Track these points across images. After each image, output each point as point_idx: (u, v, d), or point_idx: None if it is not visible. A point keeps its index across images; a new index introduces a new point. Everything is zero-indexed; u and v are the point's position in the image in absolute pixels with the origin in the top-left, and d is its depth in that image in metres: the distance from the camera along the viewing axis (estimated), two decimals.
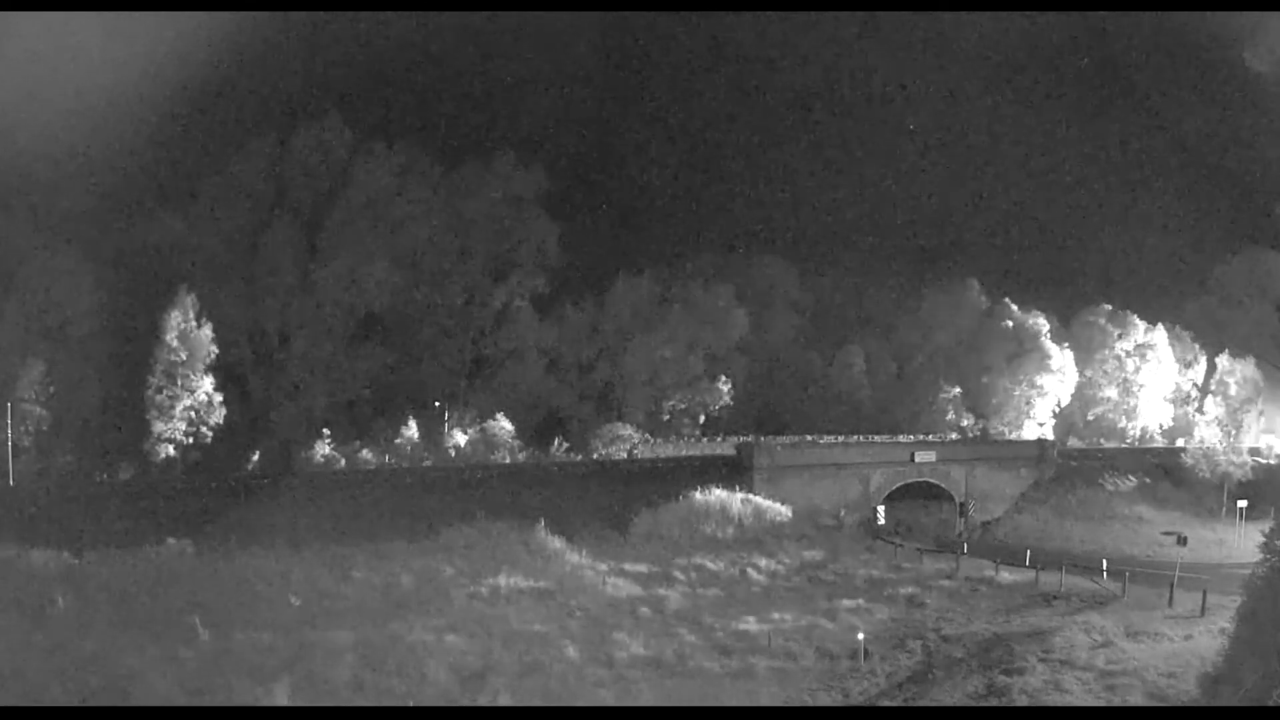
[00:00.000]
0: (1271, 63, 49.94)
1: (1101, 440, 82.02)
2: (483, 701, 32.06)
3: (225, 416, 56.09)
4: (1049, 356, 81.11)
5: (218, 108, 64.66)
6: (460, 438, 63.55)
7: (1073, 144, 79.21)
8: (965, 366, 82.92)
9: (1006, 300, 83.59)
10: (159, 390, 53.92)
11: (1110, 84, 76.90)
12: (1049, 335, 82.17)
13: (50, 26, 56.75)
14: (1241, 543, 49.35)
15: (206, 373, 55.21)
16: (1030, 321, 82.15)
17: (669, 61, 75.45)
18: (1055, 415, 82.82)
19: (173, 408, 53.95)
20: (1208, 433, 72.40)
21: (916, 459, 64.00)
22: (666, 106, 75.55)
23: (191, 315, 54.80)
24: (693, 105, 77.03)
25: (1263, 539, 32.04)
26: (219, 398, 55.58)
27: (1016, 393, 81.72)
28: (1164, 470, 68.21)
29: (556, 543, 49.46)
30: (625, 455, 65.18)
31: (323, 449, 58.85)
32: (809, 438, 71.86)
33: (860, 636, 37.38)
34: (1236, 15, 51.91)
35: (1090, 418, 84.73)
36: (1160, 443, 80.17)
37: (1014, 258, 79.04)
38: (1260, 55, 50.18)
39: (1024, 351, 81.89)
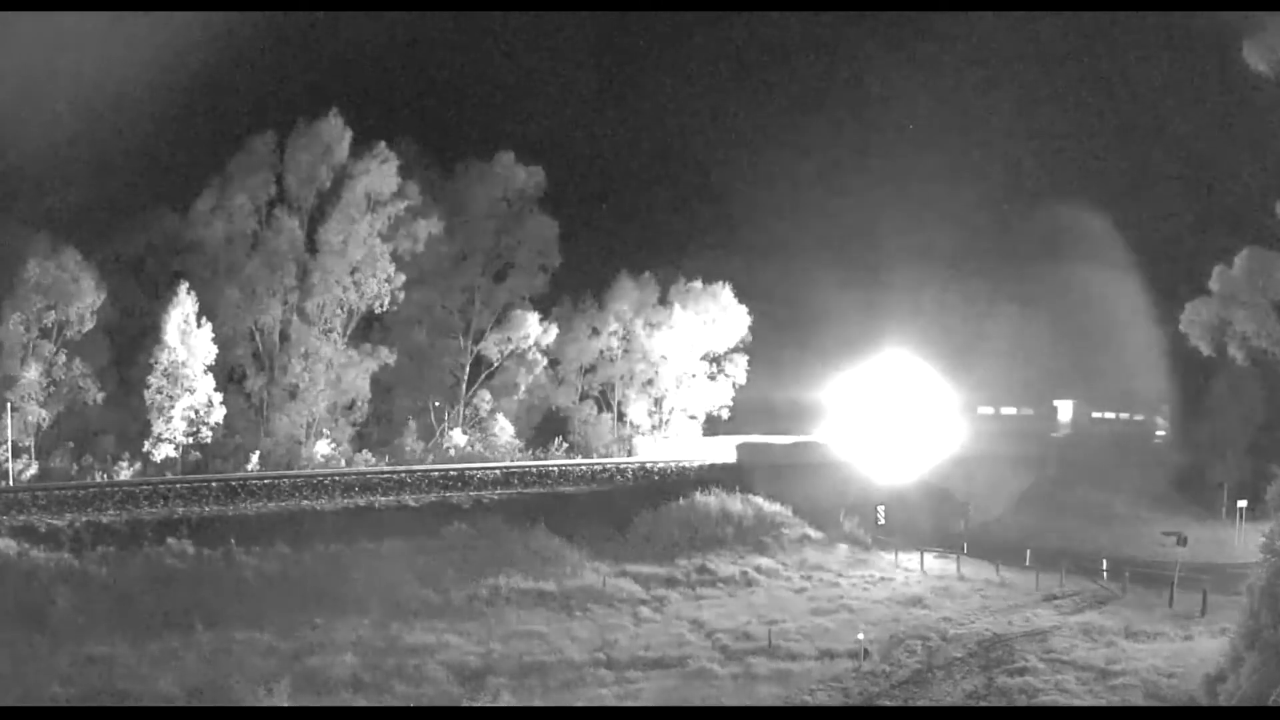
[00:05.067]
0: (1272, 63, 49.77)
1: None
2: (483, 701, 32.09)
3: (225, 416, 56.09)
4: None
5: (218, 108, 64.71)
6: (460, 438, 63.55)
7: (1071, 144, 79.04)
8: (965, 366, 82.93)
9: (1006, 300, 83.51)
10: (159, 390, 53.91)
11: (1110, 83, 76.77)
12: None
13: (50, 26, 56.74)
14: (1242, 543, 49.39)
15: (206, 373, 55.21)
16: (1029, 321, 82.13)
17: (670, 61, 75.36)
18: None
19: (173, 408, 53.95)
20: None
21: None
22: (668, 106, 75.43)
23: (191, 315, 54.79)
24: (693, 105, 77.00)
25: (1263, 539, 32.10)
26: (219, 398, 55.59)
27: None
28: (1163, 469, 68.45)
29: (556, 543, 49.51)
30: (625, 455, 65.21)
31: (323, 449, 58.87)
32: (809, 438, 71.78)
33: (860, 636, 37.44)
34: (1236, 15, 51.76)
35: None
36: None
37: (1014, 257, 78.92)
38: (1260, 55, 49.99)
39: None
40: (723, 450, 63.40)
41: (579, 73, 75.71)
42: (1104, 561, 48.84)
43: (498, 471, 55.94)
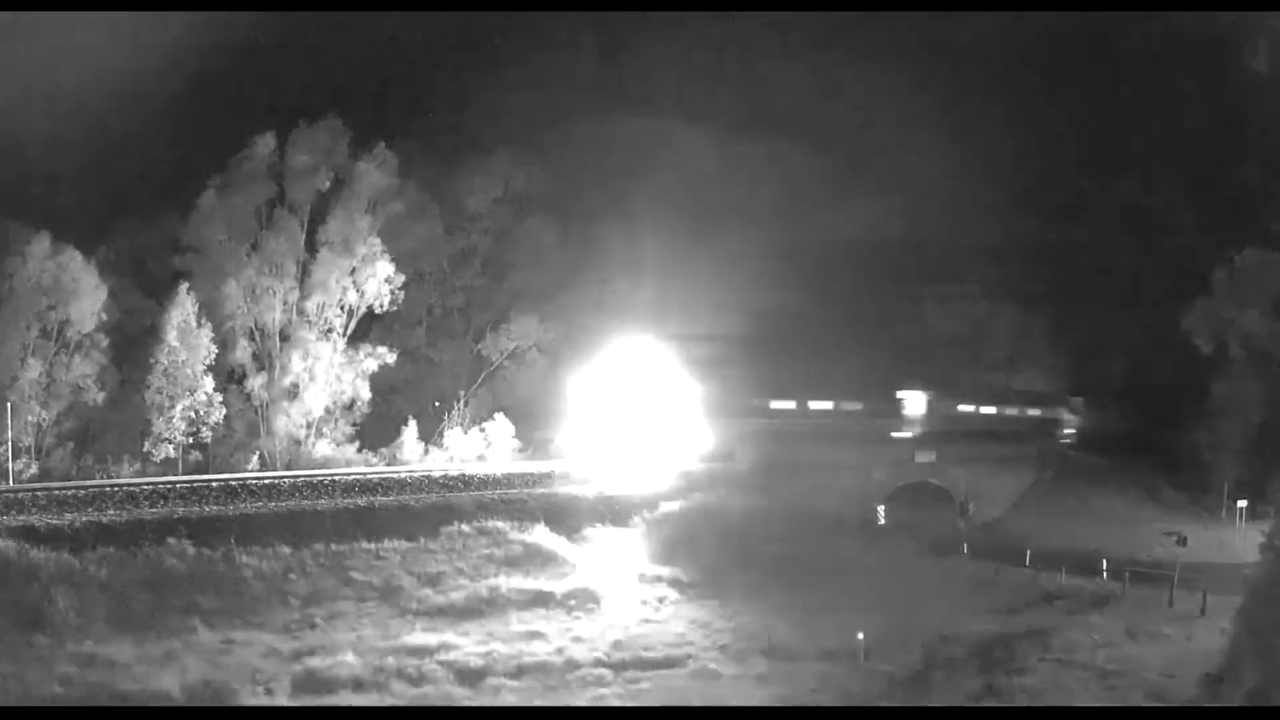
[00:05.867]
0: (1272, 63, 49.84)
1: None
2: (483, 701, 32.13)
3: (225, 416, 56.12)
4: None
5: (218, 108, 64.56)
6: (460, 438, 63.48)
7: (1071, 144, 78.78)
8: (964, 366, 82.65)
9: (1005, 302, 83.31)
10: (159, 390, 53.93)
11: (1110, 84, 76.59)
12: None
13: (51, 26, 56.80)
14: (1241, 543, 49.34)
15: (206, 373, 55.24)
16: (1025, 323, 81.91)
17: (670, 61, 75.21)
18: None
19: (173, 408, 53.97)
20: None
21: (916, 459, 63.93)
22: (667, 106, 75.27)
23: (191, 315, 54.77)
24: (693, 105, 76.82)
25: (1263, 539, 32.12)
26: (219, 398, 55.62)
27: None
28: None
29: (557, 542, 49.50)
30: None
31: (323, 449, 58.83)
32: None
33: (860, 636, 37.42)
34: (1236, 15, 51.88)
35: None
36: None
37: (1014, 258, 78.67)
38: (1260, 55, 50.07)
39: (1022, 352, 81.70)
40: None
41: (580, 72, 75.53)
42: (1104, 561, 48.77)
43: (498, 472, 55.92)
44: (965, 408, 75.12)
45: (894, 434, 70.58)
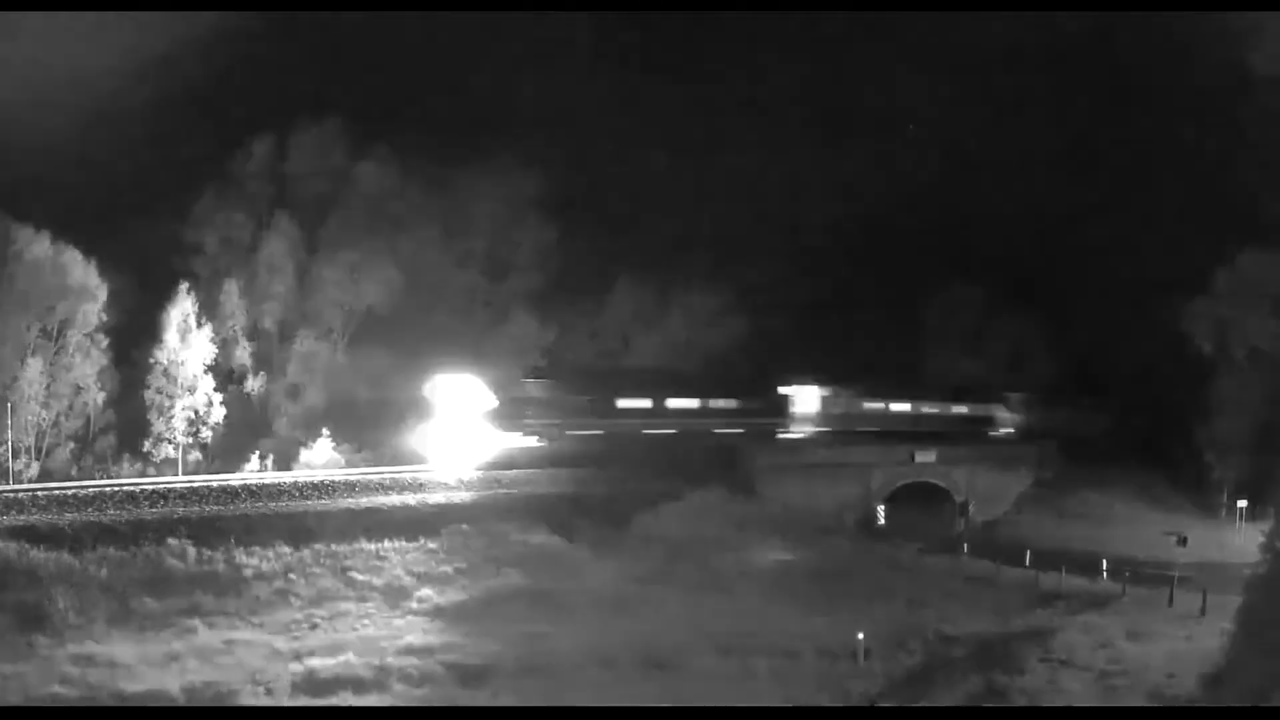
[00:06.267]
0: (1274, 64, 49.91)
1: None
2: (483, 701, 32.15)
3: (225, 417, 56.18)
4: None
5: (218, 108, 64.63)
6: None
7: (1071, 144, 78.69)
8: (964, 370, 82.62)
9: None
10: (159, 390, 53.99)
11: (1110, 84, 76.55)
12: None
13: (51, 26, 56.82)
14: (1241, 543, 49.35)
15: (206, 373, 55.31)
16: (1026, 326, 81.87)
17: (669, 61, 75.36)
18: None
19: (172, 408, 54.03)
20: None
21: (916, 459, 63.88)
22: (666, 106, 75.22)
23: (191, 315, 54.85)
24: (693, 105, 76.72)
25: (1263, 539, 32.17)
26: (219, 398, 55.67)
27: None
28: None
29: (557, 542, 49.53)
30: None
31: (323, 448, 58.84)
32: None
33: (860, 636, 37.45)
34: (1237, 16, 51.95)
35: None
36: None
37: (1013, 259, 78.50)
38: (1261, 56, 50.13)
39: (1022, 354, 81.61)
40: None
41: (580, 72, 75.48)
42: (1104, 561, 48.80)
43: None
44: (874, 404, 68.89)
45: (780, 434, 65.17)
